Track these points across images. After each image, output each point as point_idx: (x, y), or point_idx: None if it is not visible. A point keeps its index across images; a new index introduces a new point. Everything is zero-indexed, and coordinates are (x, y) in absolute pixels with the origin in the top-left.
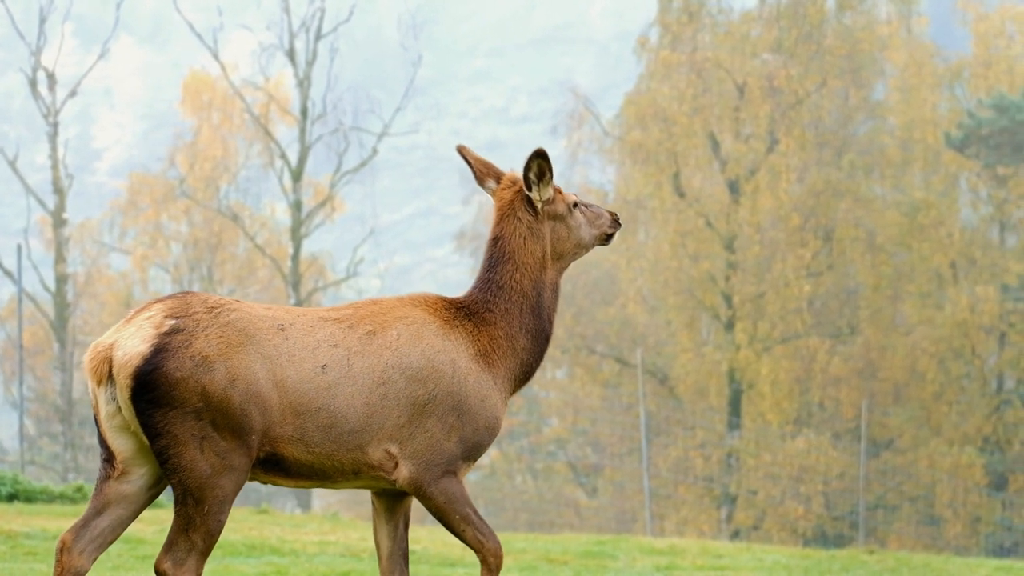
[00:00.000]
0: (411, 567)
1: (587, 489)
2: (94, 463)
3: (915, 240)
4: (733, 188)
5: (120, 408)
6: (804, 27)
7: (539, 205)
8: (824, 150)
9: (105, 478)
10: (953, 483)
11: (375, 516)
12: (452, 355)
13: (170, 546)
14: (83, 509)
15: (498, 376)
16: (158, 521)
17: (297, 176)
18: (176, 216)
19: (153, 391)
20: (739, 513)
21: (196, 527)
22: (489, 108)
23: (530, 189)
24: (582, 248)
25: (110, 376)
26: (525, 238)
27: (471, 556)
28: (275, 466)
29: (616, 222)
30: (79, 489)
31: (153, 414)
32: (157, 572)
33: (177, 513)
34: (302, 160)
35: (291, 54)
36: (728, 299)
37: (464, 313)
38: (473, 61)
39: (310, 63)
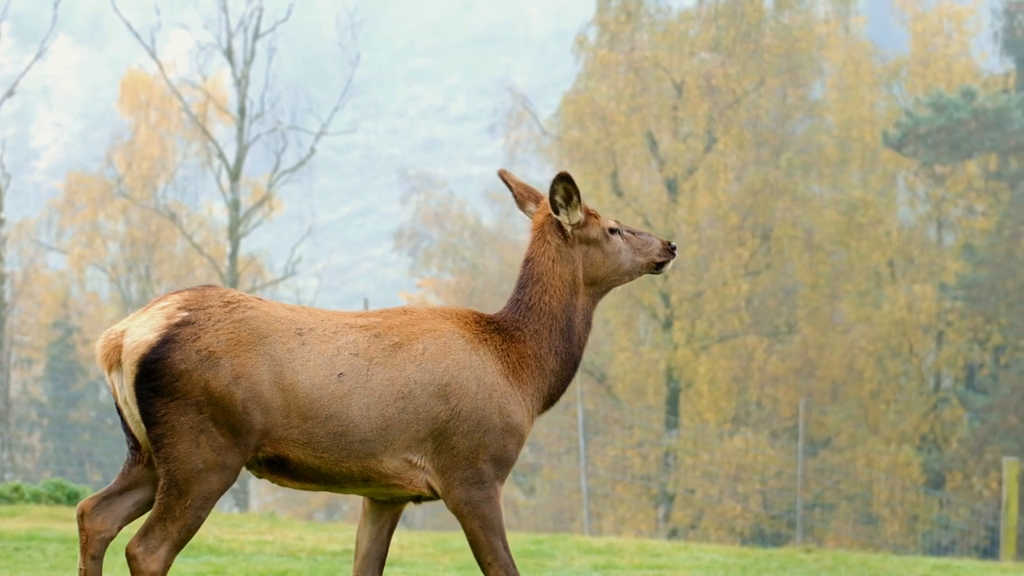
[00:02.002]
0: (348, 566)
1: (525, 488)
2: (31, 462)
3: (853, 239)
4: (671, 187)
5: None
6: (742, 26)
7: (568, 229)
8: (762, 149)
9: (134, 462)
10: (890, 482)
11: (361, 515)
12: (478, 371)
13: (145, 532)
14: (21, 509)
15: (527, 394)
16: None
17: (235, 175)
18: (113, 215)
19: (156, 380)
20: (677, 512)
21: (175, 518)
22: (427, 107)
23: (557, 212)
24: (623, 275)
25: (120, 363)
26: (554, 261)
27: (408, 555)
28: (280, 467)
29: (669, 250)
30: (16, 489)
31: (154, 402)
32: (127, 554)
33: (159, 501)
34: (240, 159)
35: (229, 53)
36: (666, 298)
37: (494, 329)
38: (411, 60)
39: (248, 62)
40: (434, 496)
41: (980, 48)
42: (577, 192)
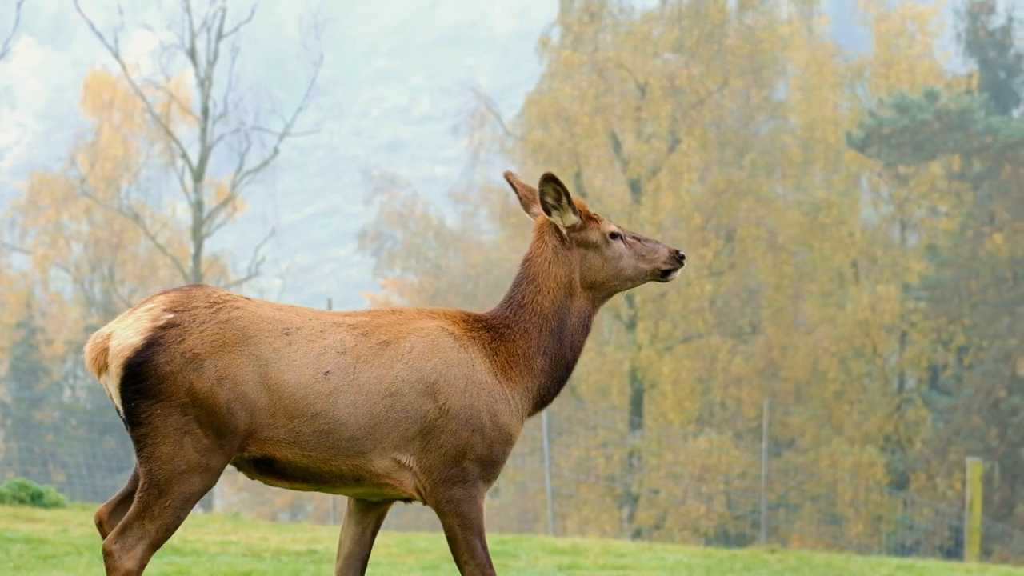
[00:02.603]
0: (313, 566)
1: (489, 489)
2: None
3: (816, 239)
4: (635, 188)
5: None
6: (705, 27)
7: (563, 231)
8: (725, 150)
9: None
10: (854, 482)
11: (346, 516)
12: (467, 369)
13: (123, 530)
14: None
15: (516, 393)
16: (60, 521)
17: (198, 176)
18: (77, 216)
19: (141, 382)
20: (641, 512)
21: (154, 517)
22: (391, 108)
23: (549, 214)
24: (625, 280)
25: (108, 366)
26: (550, 262)
27: (373, 555)
28: (269, 468)
29: (677, 259)
30: None
31: (139, 404)
32: (104, 551)
33: (138, 499)
34: (203, 160)
35: (192, 54)
36: (630, 299)
37: (483, 328)
38: (375, 61)
39: (211, 63)
40: (421, 497)
41: (943, 49)
42: (566, 193)
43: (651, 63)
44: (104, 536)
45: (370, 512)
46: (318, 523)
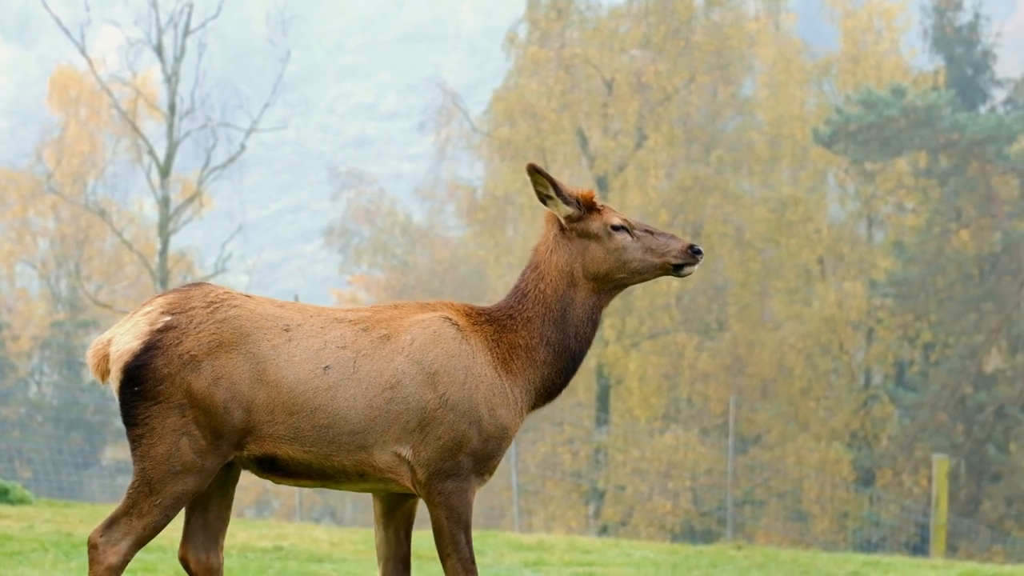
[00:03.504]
0: (279, 563)
1: None
2: None
3: (783, 236)
4: (601, 184)
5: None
6: (672, 23)
7: (561, 220)
8: (692, 146)
9: None
10: (821, 478)
11: (374, 522)
12: (467, 361)
13: (110, 524)
14: None
15: (516, 385)
16: (25, 518)
17: (165, 172)
18: (43, 212)
19: (141, 385)
20: (607, 509)
21: (142, 515)
22: (358, 104)
23: (545, 204)
24: (631, 273)
25: (110, 371)
26: (551, 250)
27: (339, 552)
28: (272, 466)
29: (691, 253)
30: None
31: (137, 405)
32: (88, 542)
33: (128, 495)
34: (170, 156)
35: (159, 50)
36: None
37: (486, 320)
38: (342, 57)
39: (178, 59)
40: (415, 490)
41: (910, 45)
42: (552, 184)
43: (618, 59)
44: (192, 573)
45: (396, 514)
46: (284, 520)
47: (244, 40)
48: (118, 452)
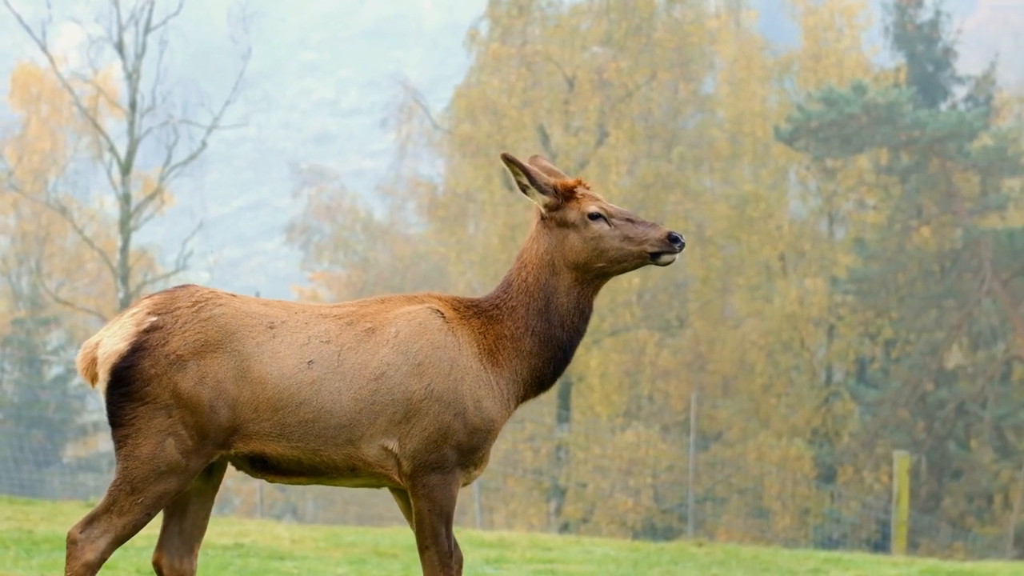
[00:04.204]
0: (240, 560)
1: None
2: None
3: (744, 233)
4: None
5: None
6: (634, 20)
7: (541, 210)
8: (654, 143)
9: None
10: (782, 475)
11: (404, 515)
12: (452, 352)
13: (90, 521)
14: None
15: (502, 377)
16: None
17: (126, 169)
18: (4, 209)
19: (128, 386)
20: (568, 506)
21: (123, 513)
22: (319, 100)
23: (525, 192)
24: (610, 262)
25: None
26: (534, 240)
27: (300, 549)
28: (263, 464)
29: (669, 241)
30: None
31: (124, 406)
32: (68, 538)
33: (109, 493)
34: (131, 153)
35: (120, 47)
36: None
37: (473, 312)
38: (303, 53)
39: (139, 56)
40: (401, 483)
41: (871, 43)
42: (525, 173)
43: (579, 56)
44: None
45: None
46: (245, 517)
47: (205, 37)
48: (79, 450)
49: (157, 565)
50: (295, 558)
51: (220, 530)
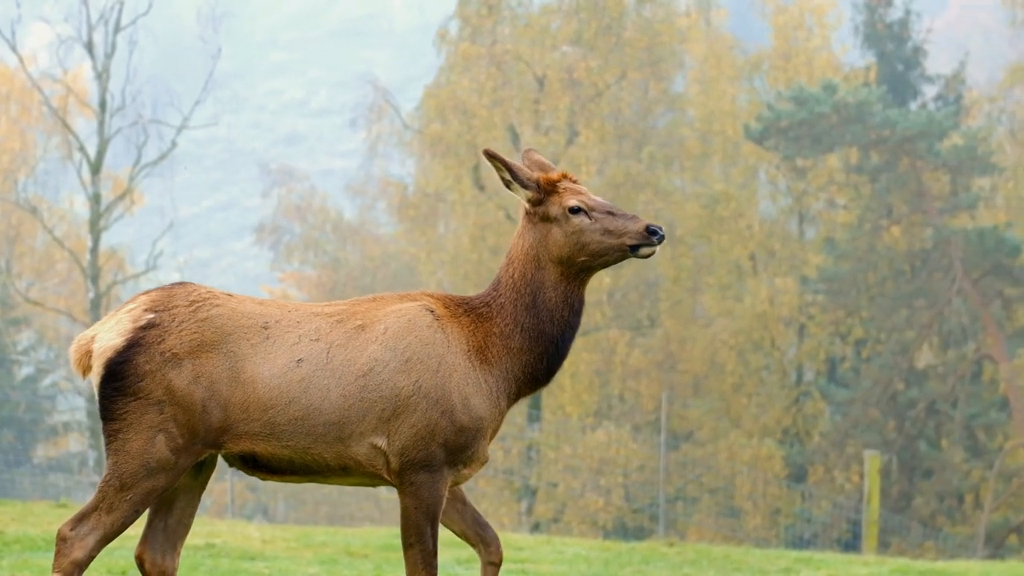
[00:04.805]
0: (211, 560)
1: None
2: None
3: (715, 232)
4: None
5: None
6: (604, 19)
7: (525, 204)
8: (624, 142)
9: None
10: (753, 475)
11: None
12: (440, 349)
13: (80, 518)
14: None
15: (491, 375)
16: None
17: (96, 169)
18: None
19: (121, 381)
20: (539, 506)
21: (111, 509)
22: (289, 101)
23: (509, 187)
24: (592, 256)
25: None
26: (519, 235)
27: (271, 549)
28: (255, 463)
29: (647, 233)
30: None
31: (116, 401)
32: (58, 536)
33: (99, 490)
34: (101, 153)
35: (90, 47)
36: None
37: (463, 310)
38: (273, 53)
39: (109, 56)
40: (390, 481)
41: (841, 42)
42: (507, 168)
43: (549, 56)
44: (146, 574)
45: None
46: (216, 517)
47: (175, 37)
48: (49, 450)
49: (140, 560)
50: (266, 558)
51: (192, 530)
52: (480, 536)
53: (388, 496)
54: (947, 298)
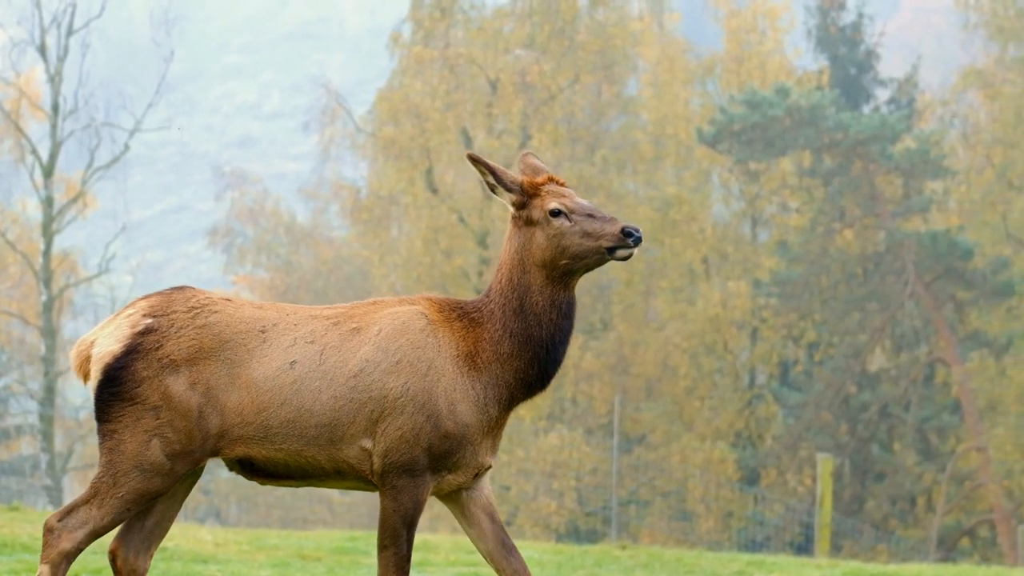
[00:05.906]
0: (163, 563)
1: None
2: None
3: (667, 235)
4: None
5: None
6: (557, 23)
7: (510, 208)
8: (577, 146)
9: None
10: (705, 478)
11: (461, 525)
12: (431, 353)
13: (70, 510)
14: None
15: (480, 381)
16: None
17: (48, 172)
18: None
19: (119, 386)
20: None
21: (102, 505)
22: (242, 104)
23: (494, 192)
24: (574, 259)
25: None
26: (507, 240)
27: (224, 552)
28: (252, 468)
29: (623, 235)
30: None
31: (113, 404)
32: (45, 527)
33: (92, 485)
34: (53, 156)
35: (42, 49)
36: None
37: (459, 315)
38: (226, 56)
39: (61, 58)
40: (374, 483)
41: (794, 45)
42: (491, 170)
43: (502, 59)
44: (116, 571)
45: (470, 507)
46: (184, 521)
47: (128, 40)
48: (2, 453)
49: (112, 555)
50: (219, 561)
51: None
52: (504, 562)
53: (341, 500)
54: (900, 301)
